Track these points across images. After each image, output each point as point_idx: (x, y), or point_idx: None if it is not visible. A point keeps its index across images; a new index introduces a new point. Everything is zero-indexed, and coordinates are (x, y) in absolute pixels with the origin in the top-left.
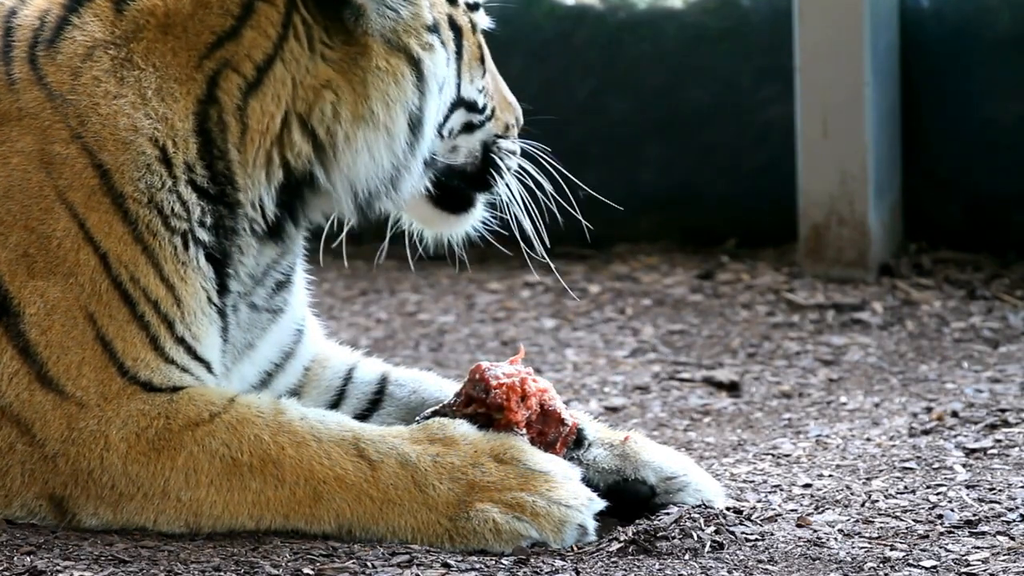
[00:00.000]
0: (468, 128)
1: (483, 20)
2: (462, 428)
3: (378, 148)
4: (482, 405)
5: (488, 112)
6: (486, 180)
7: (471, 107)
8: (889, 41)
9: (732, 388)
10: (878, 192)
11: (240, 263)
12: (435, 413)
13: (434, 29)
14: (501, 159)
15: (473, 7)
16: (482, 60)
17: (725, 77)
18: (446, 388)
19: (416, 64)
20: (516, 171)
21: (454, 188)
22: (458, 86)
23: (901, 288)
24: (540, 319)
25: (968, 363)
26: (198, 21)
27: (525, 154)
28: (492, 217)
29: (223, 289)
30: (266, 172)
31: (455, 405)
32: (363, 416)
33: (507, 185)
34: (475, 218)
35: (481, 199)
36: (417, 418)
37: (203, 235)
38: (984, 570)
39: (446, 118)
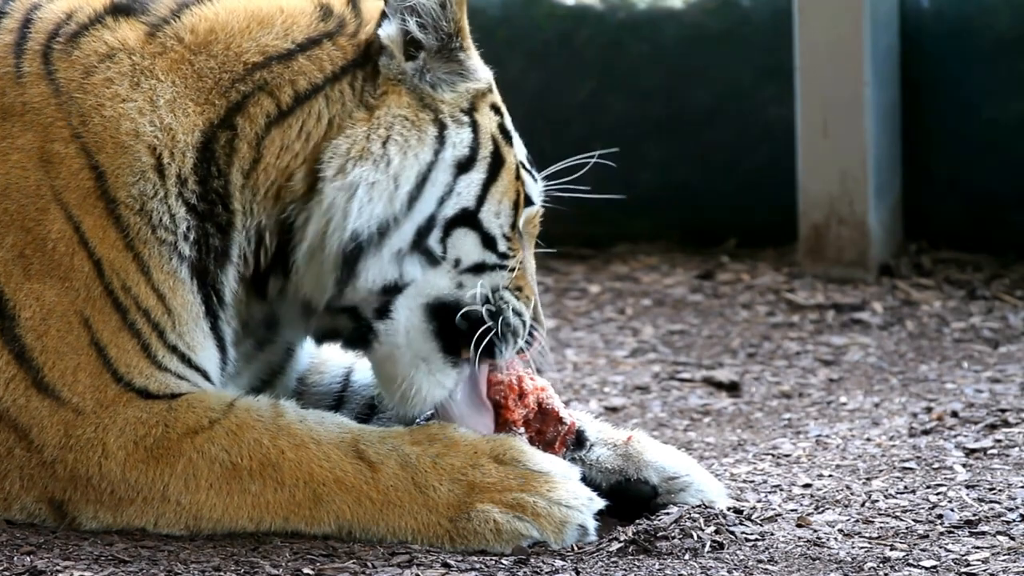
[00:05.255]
0: (479, 268)
1: (534, 191)
2: (461, 429)
3: (378, 190)
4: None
5: (506, 264)
6: (492, 336)
7: (487, 241)
8: (889, 41)
9: (732, 388)
10: (878, 192)
11: (225, 286)
12: (433, 416)
13: (469, 113)
14: (509, 318)
15: (530, 173)
16: (516, 211)
17: (725, 77)
18: None
19: (442, 127)
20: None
21: (456, 328)
22: (478, 199)
23: (901, 288)
24: None
25: (968, 363)
26: (248, 38)
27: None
28: None
29: (209, 311)
30: (274, 203)
31: None
32: (363, 419)
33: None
34: (460, 377)
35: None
36: (417, 421)
37: (186, 250)
38: (984, 570)
39: (448, 227)
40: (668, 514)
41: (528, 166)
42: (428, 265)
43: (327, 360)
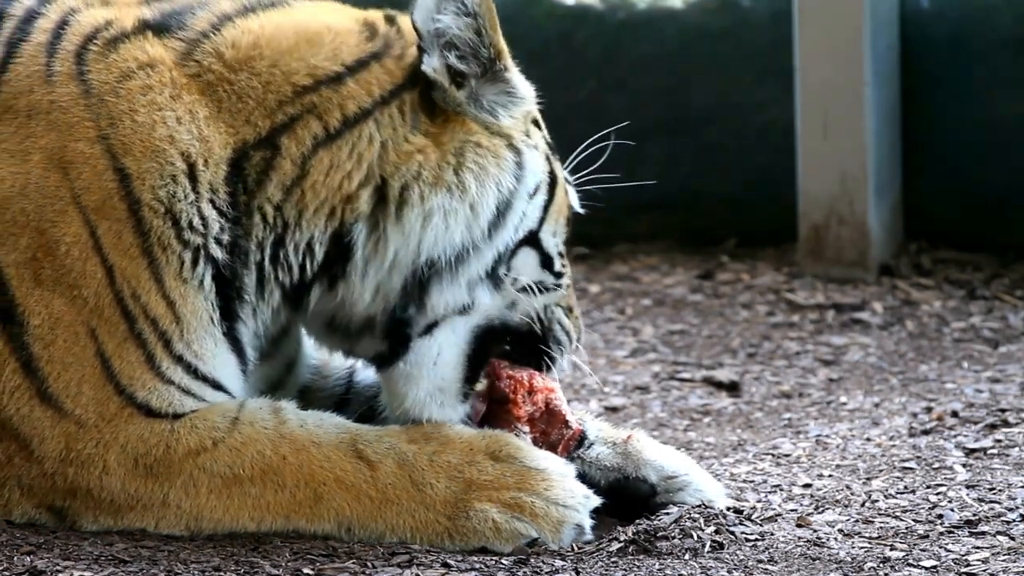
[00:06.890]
0: (533, 289)
1: (575, 199)
2: (457, 426)
3: (455, 218)
4: (485, 399)
5: (561, 283)
6: (541, 354)
7: (546, 262)
8: (889, 41)
9: (732, 388)
10: (878, 192)
11: (247, 288)
12: None
13: (530, 135)
14: (559, 335)
15: (567, 181)
16: (568, 227)
17: (725, 77)
18: None
19: (518, 152)
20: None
21: (486, 356)
22: (540, 220)
23: (901, 288)
24: None
25: (968, 363)
26: (297, 58)
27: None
28: None
29: (228, 313)
30: (328, 219)
31: None
32: (366, 418)
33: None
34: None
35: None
36: None
37: (217, 252)
38: (984, 570)
39: (515, 250)
40: (668, 514)
41: (566, 174)
42: (494, 289)
43: (328, 362)
